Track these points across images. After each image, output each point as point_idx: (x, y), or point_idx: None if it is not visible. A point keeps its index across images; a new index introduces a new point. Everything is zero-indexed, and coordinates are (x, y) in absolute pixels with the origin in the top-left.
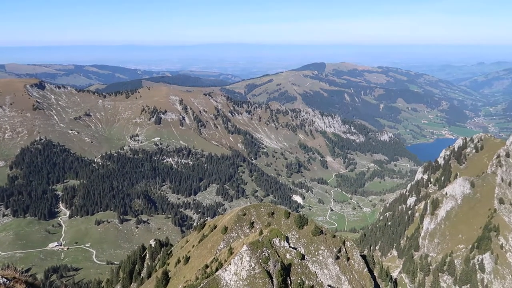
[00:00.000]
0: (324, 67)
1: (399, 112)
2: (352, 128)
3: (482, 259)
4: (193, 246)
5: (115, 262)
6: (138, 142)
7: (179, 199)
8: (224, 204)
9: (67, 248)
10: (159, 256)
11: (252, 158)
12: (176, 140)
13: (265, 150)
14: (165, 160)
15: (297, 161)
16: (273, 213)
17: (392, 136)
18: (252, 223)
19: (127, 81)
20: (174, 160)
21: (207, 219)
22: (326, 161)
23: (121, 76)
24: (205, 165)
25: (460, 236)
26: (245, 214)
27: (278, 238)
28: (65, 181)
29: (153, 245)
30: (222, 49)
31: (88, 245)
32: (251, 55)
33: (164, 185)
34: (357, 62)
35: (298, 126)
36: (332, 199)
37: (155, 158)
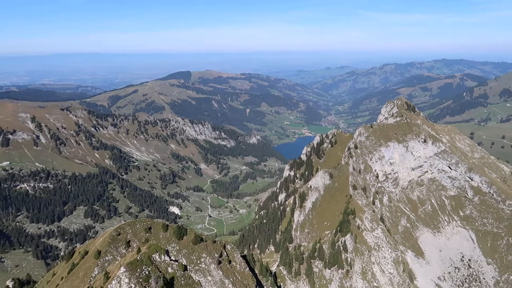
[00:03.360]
0: (190, 75)
1: (264, 115)
2: (223, 133)
3: (344, 241)
4: (62, 278)
5: None
6: None
7: (39, 228)
8: (95, 227)
9: None
10: None
11: (123, 174)
12: (30, 162)
13: (136, 163)
14: (18, 187)
15: (171, 171)
16: (150, 228)
17: (260, 138)
18: (129, 242)
19: None
20: (30, 185)
21: (76, 246)
22: (200, 169)
23: None
24: (69, 186)
25: (326, 223)
26: (119, 234)
27: (158, 253)
28: None
29: (10, 286)
30: (77, 59)
31: None
32: (111, 65)
33: (19, 215)
34: (221, 70)
35: (169, 136)
36: (209, 206)
37: (5, 186)
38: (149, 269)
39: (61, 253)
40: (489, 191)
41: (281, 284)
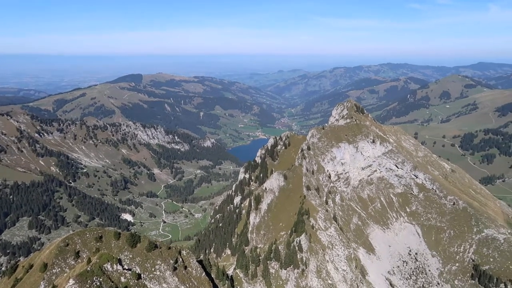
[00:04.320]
0: (141, 78)
1: (218, 118)
2: (176, 137)
3: (299, 241)
4: None
5: None
6: None
7: None
8: (40, 238)
9: None
10: None
11: (71, 181)
12: None
13: (85, 170)
14: None
15: (123, 177)
16: (101, 237)
17: (214, 141)
18: (78, 252)
19: None
20: None
21: (19, 260)
22: (154, 174)
23: None
24: (11, 196)
25: (281, 224)
26: (68, 245)
27: (109, 263)
28: None
29: None
30: (18, 61)
31: None
32: (56, 67)
33: None
34: (173, 73)
35: (120, 141)
36: (163, 211)
37: None
38: (101, 279)
39: (3, 268)
40: (432, 188)
41: (238, 287)
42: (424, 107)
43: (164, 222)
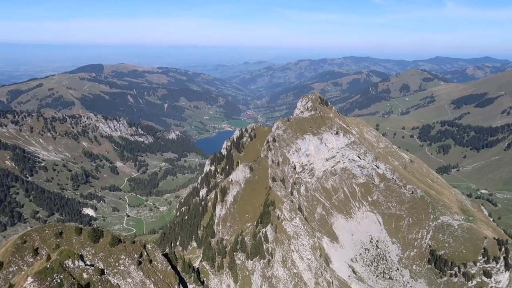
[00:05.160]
0: (102, 68)
1: (183, 110)
2: (140, 129)
3: (265, 231)
4: None
5: None
6: None
7: None
8: None
9: None
10: None
11: (27, 176)
12: None
13: (43, 164)
14: None
15: (84, 171)
16: (61, 233)
17: (179, 133)
18: (36, 249)
19: None
20: None
21: None
22: (116, 167)
23: None
24: None
25: (247, 215)
26: (25, 242)
27: (70, 259)
28: None
29: None
30: None
31: None
32: (10, 56)
33: None
34: (136, 63)
35: (80, 134)
36: (127, 205)
37: None
38: (61, 276)
39: None
40: (392, 177)
41: (205, 279)
42: (385, 99)
43: (128, 216)
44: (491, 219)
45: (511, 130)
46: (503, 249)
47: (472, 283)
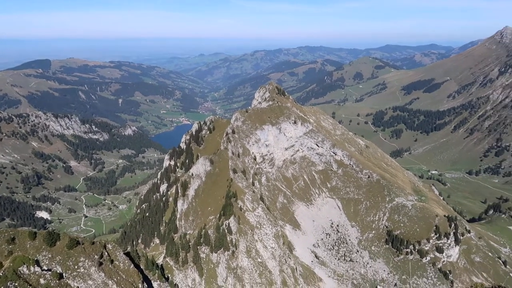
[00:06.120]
0: (49, 64)
1: (138, 105)
2: (94, 127)
3: (228, 223)
4: None
5: None
6: None
7: None
8: None
9: None
10: None
11: None
12: None
13: None
14: None
15: (35, 172)
16: (13, 239)
17: (136, 129)
18: None
19: None
20: None
21: None
22: (71, 166)
23: None
24: None
25: (210, 208)
26: None
27: (25, 265)
28: None
29: None
30: None
31: None
32: None
33: None
34: (87, 58)
35: (29, 133)
36: (84, 205)
37: None
38: (16, 284)
39: None
40: (349, 163)
41: (169, 275)
42: (340, 87)
43: (86, 216)
44: (441, 198)
45: (457, 113)
46: (452, 225)
47: (426, 259)
